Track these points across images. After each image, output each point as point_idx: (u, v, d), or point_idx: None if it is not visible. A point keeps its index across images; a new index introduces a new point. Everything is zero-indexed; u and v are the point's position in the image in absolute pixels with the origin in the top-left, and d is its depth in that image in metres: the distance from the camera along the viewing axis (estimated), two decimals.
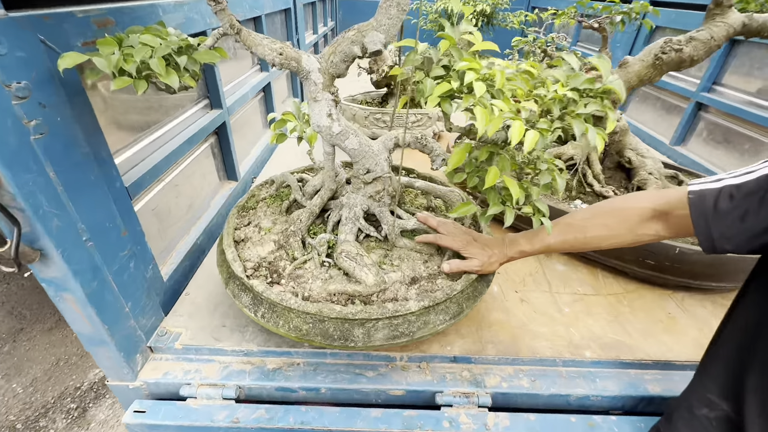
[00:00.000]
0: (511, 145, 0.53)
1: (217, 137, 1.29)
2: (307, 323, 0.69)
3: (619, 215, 0.68)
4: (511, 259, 0.79)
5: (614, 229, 0.68)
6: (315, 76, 0.72)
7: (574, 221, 0.73)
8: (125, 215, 0.77)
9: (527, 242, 0.77)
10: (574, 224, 0.72)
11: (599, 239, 0.71)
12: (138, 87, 0.60)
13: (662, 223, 0.65)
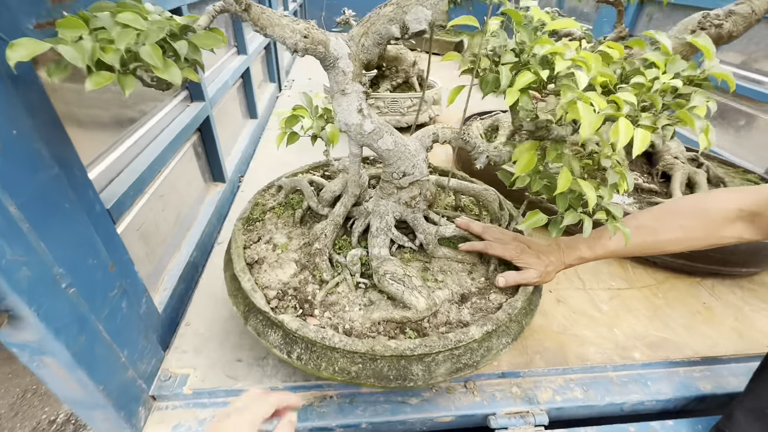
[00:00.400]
0: (617, 148, 0.44)
1: (200, 135, 1.11)
2: (356, 364, 0.58)
3: (698, 216, 0.61)
4: (568, 266, 0.72)
5: (692, 231, 0.62)
6: (344, 64, 0.59)
7: (643, 223, 0.65)
8: (110, 245, 0.62)
9: (587, 248, 0.69)
10: (644, 226, 0.65)
11: (673, 243, 0.64)
12: (125, 85, 0.44)
13: (748, 224, 0.58)
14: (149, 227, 0.83)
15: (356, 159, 0.70)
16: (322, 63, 0.59)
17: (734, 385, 0.82)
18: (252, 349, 0.80)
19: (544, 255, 0.70)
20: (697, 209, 0.62)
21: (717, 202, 0.61)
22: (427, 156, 0.71)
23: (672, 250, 0.65)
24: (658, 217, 0.64)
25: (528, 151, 0.56)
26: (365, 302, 0.67)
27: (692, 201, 0.64)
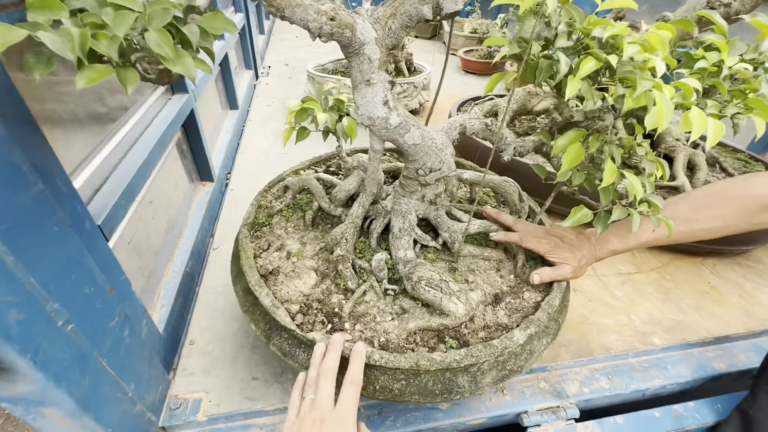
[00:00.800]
0: (690, 140, 0.40)
1: (184, 131, 1.01)
2: (398, 381, 0.53)
3: (735, 204, 0.60)
4: (599, 260, 0.69)
5: (729, 219, 0.61)
6: (370, 50, 0.52)
7: (678, 213, 0.63)
8: (105, 266, 0.53)
9: (619, 240, 0.67)
10: (680, 217, 0.63)
11: (708, 232, 0.63)
12: (127, 80, 0.36)
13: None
14: (141, 238, 0.74)
15: (377, 156, 0.63)
16: (344, 50, 0.52)
17: (745, 362, 0.85)
18: (267, 365, 0.74)
19: (577, 249, 0.68)
20: (731, 197, 0.61)
21: (751, 188, 0.60)
22: (453, 150, 0.66)
23: (706, 238, 0.64)
24: (693, 207, 0.63)
25: (574, 143, 0.52)
26: (397, 311, 0.62)
27: (726, 188, 0.62)
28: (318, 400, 0.47)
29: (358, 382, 0.49)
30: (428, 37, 3.23)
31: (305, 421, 0.45)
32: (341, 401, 0.47)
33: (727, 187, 0.62)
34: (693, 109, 0.41)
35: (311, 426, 0.44)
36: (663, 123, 0.38)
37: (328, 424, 0.44)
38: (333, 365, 0.50)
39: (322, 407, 0.46)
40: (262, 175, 1.32)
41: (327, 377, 0.49)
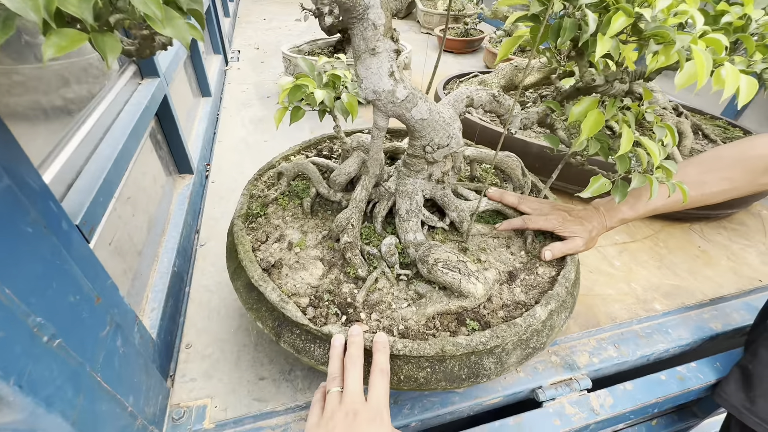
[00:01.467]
0: (723, 98, 0.39)
1: (157, 120, 0.92)
2: (423, 369, 0.51)
3: (742, 166, 0.60)
4: (609, 229, 0.69)
5: (737, 181, 0.61)
6: (375, 15, 0.47)
7: (688, 178, 0.63)
8: (89, 270, 0.47)
9: (629, 208, 0.67)
10: (690, 181, 0.63)
11: (717, 195, 0.63)
12: (106, 48, 0.30)
13: None
14: (122, 238, 0.67)
15: (381, 133, 0.59)
16: (345, 15, 0.47)
17: (738, 320, 0.88)
18: (274, 363, 0.70)
19: (587, 221, 0.67)
20: (738, 159, 0.61)
21: (757, 148, 0.60)
22: (461, 124, 0.62)
23: (715, 201, 0.64)
24: (702, 170, 0.63)
25: (592, 110, 0.50)
26: (412, 296, 0.59)
27: (732, 150, 0.62)
28: (348, 392, 0.43)
29: (387, 371, 0.46)
30: (401, 17, 3.14)
31: (336, 415, 0.41)
32: (373, 393, 0.43)
33: (734, 149, 0.62)
34: (726, 65, 0.39)
35: (344, 420, 0.40)
36: (703, 78, 0.36)
37: (363, 418, 0.40)
38: (358, 353, 0.46)
39: (354, 399, 0.42)
40: (243, 164, 1.25)
41: (355, 365, 0.45)
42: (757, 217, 1.15)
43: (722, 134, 1.20)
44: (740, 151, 0.62)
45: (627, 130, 0.51)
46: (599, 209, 0.68)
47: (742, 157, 0.61)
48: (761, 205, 1.20)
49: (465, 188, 0.73)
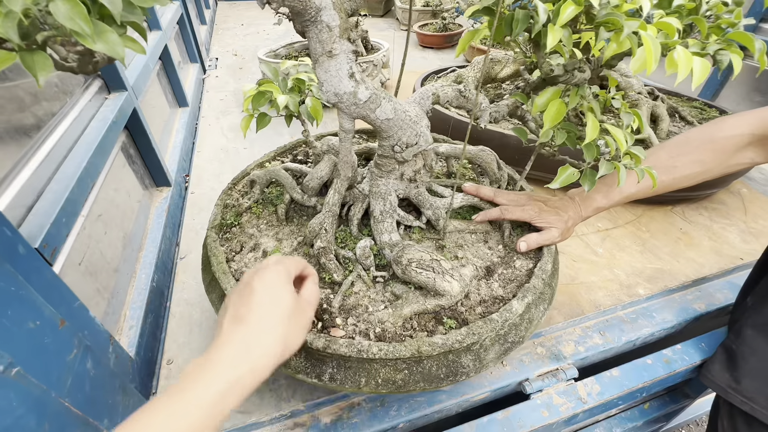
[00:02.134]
0: (678, 81, 0.39)
1: (128, 133, 0.91)
2: (400, 371, 0.51)
3: (712, 148, 0.60)
4: (585, 219, 0.69)
5: (708, 164, 0.61)
6: (328, 17, 0.46)
7: (658, 162, 0.63)
8: (52, 294, 0.46)
9: (603, 197, 0.66)
10: (660, 166, 0.63)
11: (689, 178, 0.63)
12: (36, 67, 0.30)
13: (760, 148, 0.59)
14: (94, 257, 0.66)
15: (348, 136, 0.59)
16: (298, 18, 0.47)
17: (721, 300, 0.89)
18: None
19: (563, 211, 0.66)
20: (708, 141, 0.61)
21: (725, 130, 0.60)
22: (428, 122, 0.62)
23: (687, 185, 0.64)
24: (672, 155, 0.63)
25: (554, 100, 0.50)
26: (389, 298, 0.59)
27: (701, 132, 0.63)
28: None
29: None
30: (380, 15, 3.13)
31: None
32: None
33: (704, 131, 0.62)
34: (678, 48, 0.39)
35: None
36: (652, 64, 0.36)
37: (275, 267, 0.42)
38: None
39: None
40: (223, 173, 1.24)
41: None
42: (737, 196, 1.16)
43: (699, 115, 1.21)
44: (709, 134, 0.62)
45: (592, 117, 0.51)
46: (574, 199, 0.68)
47: (712, 139, 0.61)
48: (741, 183, 1.21)
49: (440, 185, 0.73)
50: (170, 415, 0.30)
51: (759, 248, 0.98)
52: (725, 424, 0.71)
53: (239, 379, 0.34)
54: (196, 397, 0.31)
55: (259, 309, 0.38)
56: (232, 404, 0.33)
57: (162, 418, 0.30)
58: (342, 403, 0.67)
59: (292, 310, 0.40)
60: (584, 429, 1.01)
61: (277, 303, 0.39)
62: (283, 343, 0.38)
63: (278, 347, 0.38)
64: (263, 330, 0.37)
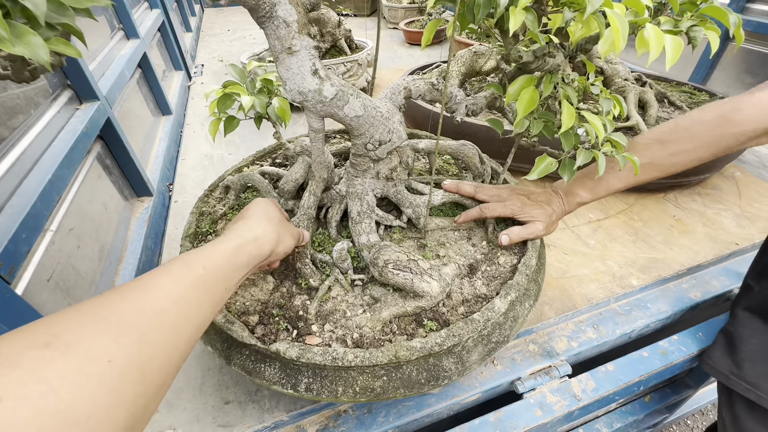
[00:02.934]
0: (649, 61, 0.36)
1: (103, 143, 0.89)
2: (378, 378, 0.48)
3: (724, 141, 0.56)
4: (568, 213, 0.66)
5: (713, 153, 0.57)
6: (284, 11, 0.44)
7: (654, 161, 0.60)
8: (10, 314, 0.44)
9: (587, 191, 0.64)
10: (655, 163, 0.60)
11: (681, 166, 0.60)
12: None
13: None
14: (64, 273, 0.64)
15: (319, 136, 0.57)
16: (254, 14, 0.45)
17: (718, 287, 0.86)
18: (238, 385, 0.67)
19: (546, 204, 0.64)
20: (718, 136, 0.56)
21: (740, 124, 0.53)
22: (401, 117, 0.60)
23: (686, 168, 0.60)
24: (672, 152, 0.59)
25: (527, 88, 0.47)
26: (368, 301, 0.57)
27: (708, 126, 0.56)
28: None
29: None
30: (366, 14, 3.12)
31: None
32: None
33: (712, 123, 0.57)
34: (648, 26, 0.36)
35: None
36: (620, 44, 0.34)
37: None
38: None
39: None
40: (207, 180, 1.21)
41: None
42: (731, 180, 1.13)
43: (688, 99, 1.19)
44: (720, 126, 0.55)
45: (567, 105, 0.49)
46: (558, 192, 0.66)
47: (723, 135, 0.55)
48: (735, 166, 1.19)
49: (420, 182, 0.71)
50: (202, 252, 0.39)
51: (755, 232, 0.96)
52: (725, 413, 0.68)
53: (246, 244, 0.43)
54: (217, 249, 0.40)
55: (256, 213, 0.49)
56: (241, 261, 0.41)
57: (197, 255, 0.38)
58: (327, 412, 0.65)
59: (281, 220, 0.52)
60: (584, 425, 0.99)
61: (271, 213, 0.50)
62: (276, 235, 0.47)
63: (273, 235, 0.47)
64: (260, 222, 0.47)
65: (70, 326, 0.25)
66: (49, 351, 0.23)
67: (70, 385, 0.22)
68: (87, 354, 0.24)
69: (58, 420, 0.21)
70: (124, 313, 0.28)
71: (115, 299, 0.29)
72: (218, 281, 0.37)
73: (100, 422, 0.23)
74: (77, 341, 0.24)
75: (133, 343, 0.27)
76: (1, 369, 0.21)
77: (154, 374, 0.27)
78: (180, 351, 0.31)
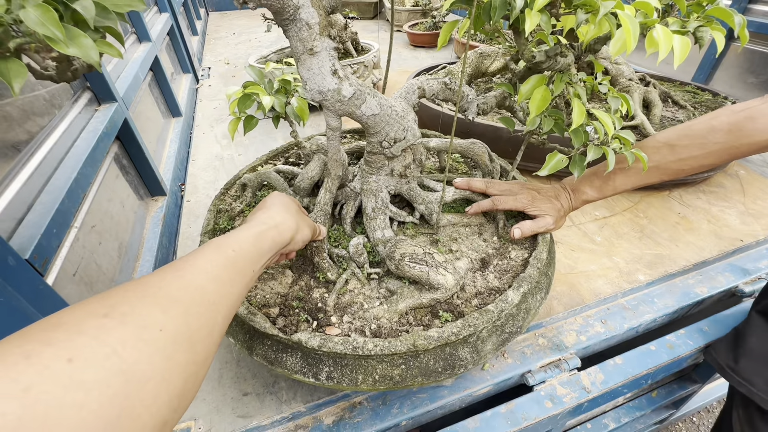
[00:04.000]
0: (659, 60, 0.38)
1: (120, 144, 0.91)
2: (397, 366, 0.50)
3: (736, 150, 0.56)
4: (574, 209, 0.68)
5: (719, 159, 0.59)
6: (307, 14, 0.46)
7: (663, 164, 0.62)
8: (44, 303, 0.46)
9: (595, 190, 0.66)
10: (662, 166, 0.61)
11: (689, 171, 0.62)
12: (10, 75, 0.30)
13: None
14: (88, 268, 0.66)
15: (336, 134, 0.58)
16: (277, 17, 0.47)
17: (723, 283, 0.88)
18: (256, 378, 0.69)
19: (555, 199, 0.66)
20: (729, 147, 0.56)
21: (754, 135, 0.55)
22: (415, 116, 0.62)
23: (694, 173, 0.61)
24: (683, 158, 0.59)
25: (539, 87, 0.49)
26: (384, 294, 0.58)
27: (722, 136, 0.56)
28: None
29: None
30: (370, 17, 3.15)
31: None
32: None
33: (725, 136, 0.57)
34: (657, 27, 0.38)
35: None
36: (631, 44, 0.36)
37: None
38: None
39: None
40: (218, 180, 1.24)
41: None
42: (734, 178, 1.15)
43: (692, 99, 1.21)
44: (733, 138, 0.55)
45: (578, 103, 0.51)
46: (566, 188, 0.68)
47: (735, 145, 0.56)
48: (739, 165, 1.20)
49: (432, 180, 0.73)
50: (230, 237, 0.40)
51: (759, 229, 0.97)
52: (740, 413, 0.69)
53: (268, 230, 0.45)
54: (243, 234, 0.42)
55: (275, 203, 0.51)
56: (265, 245, 0.43)
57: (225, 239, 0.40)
58: (343, 403, 0.67)
59: (298, 210, 0.54)
60: (592, 420, 1.01)
61: (288, 204, 0.52)
62: (295, 223, 0.49)
63: (293, 223, 0.49)
64: (279, 211, 0.49)
65: (123, 299, 0.27)
66: (108, 320, 0.25)
67: (130, 349, 0.24)
68: (141, 323, 0.26)
69: (123, 380, 0.23)
70: (169, 289, 0.30)
71: (158, 278, 0.31)
72: (247, 263, 0.39)
73: (158, 384, 0.25)
74: (131, 312, 0.26)
75: (180, 315, 0.29)
76: (68, 334, 0.23)
77: (200, 345, 0.29)
78: (219, 326, 0.33)
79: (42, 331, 0.23)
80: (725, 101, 1.20)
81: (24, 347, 0.21)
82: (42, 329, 0.23)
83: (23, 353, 0.21)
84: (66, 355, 0.21)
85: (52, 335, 0.22)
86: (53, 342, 0.22)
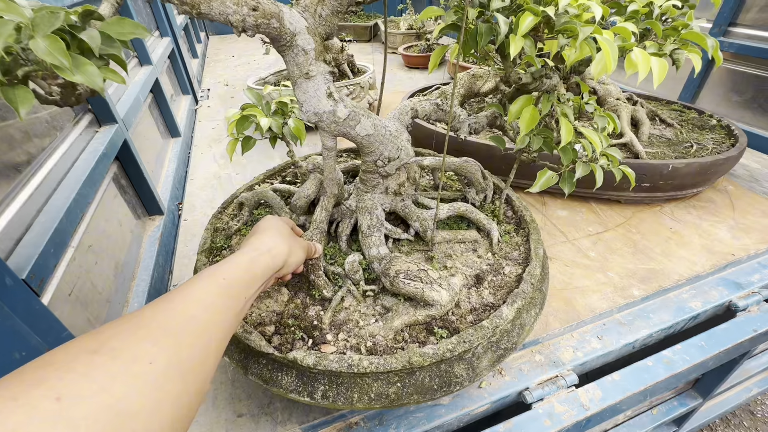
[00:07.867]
0: (638, 81, 0.40)
1: (120, 164, 0.92)
2: (393, 384, 0.50)
3: None
4: None
5: None
6: (303, 41, 0.49)
7: None
8: (38, 324, 0.46)
9: None
10: None
11: None
12: (18, 101, 0.31)
13: None
14: (84, 287, 0.66)
15: (331, 153, 0.60)
16: (275, 44, 0.49)
17: (717, 297, 0.88)
18: (251, 398, 0.68)
19: None
20: None
21: None
22: (408, 136, 0.63)
23: None
24: None
25: (527, 107, 0.51)
26: (380, 311, 0.59)
27: None
28: None
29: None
30: (366, 40, 3.24)
31: None
32: None
33: None
34: (635, 50, 0.40)
35: None
36: (611, 65, 0.38)
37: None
38: None
39: None
40: (216, 200, 1.25)
41: None
42: (723, 193, 1.17)
43: (678, 117, 1.24)
44: None
45: (565, 121, 0.53)
46: None
47: None
48: (727, 180, 1.23)
49: (426, 197, 0.74)
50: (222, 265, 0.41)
51: (750, 243, 0.99)
52: None
53: (260, 256, 0.46)
54: (235, 261, 0.43)
55: (267, 228, 0.52)
56: (257, 271, 0.44)
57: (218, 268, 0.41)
58: (339, 424, 0.66)
59: (291, 233, 0.54)
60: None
61: (280, 228, 0.53)
62: (288, 247, 0.50)
63: (285, 247, 0.49)
64: (272, 236, 0.50)
65: (114, 334, 0.28)
66: (98, 356, 0.25)
67: (119, 384, 0.24)
68: (131, 357, 0.26)
69: (111, 414, 0.23)
70: (161, 320, 0.31)
71: (150, 310, 0.31)
72: (240, 290, 0.40)
73: (149, 416, 0.25)
74: (122, 346, 0.27)
75: (171, 346, 0.29)
76: (58, 373, 0.24)
77: (192, 374, 0.30)
78: (212, 355, 0.33)
79: (33, 370, 0.24)
80: (710, 119, 1.23)
81: (12, 389, 0.22)
82: (34, 369, 0.24)
83: (11, 396, 0.22)
84: (54, 395, 0.22)
85: (42, 374, 0.23)
86: (43, 381, 0.23)
